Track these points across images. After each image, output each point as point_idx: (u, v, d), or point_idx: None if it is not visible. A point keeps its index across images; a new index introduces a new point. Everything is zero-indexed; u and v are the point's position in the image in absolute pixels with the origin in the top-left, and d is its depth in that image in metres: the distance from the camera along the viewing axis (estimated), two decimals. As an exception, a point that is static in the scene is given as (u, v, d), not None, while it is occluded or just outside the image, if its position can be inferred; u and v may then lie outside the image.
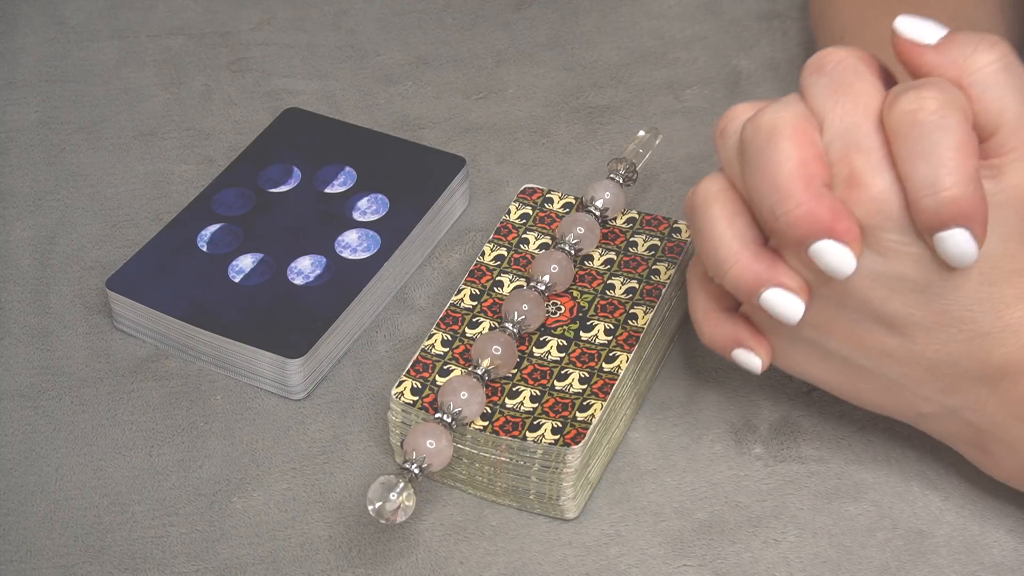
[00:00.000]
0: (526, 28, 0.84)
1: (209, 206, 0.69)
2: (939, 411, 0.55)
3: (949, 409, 0.54)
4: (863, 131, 0.50)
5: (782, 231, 0.50)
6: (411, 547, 0.57)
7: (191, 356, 0.65)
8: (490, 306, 0.63)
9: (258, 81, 0.80)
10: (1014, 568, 0.55)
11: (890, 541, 0.56)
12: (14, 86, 0.81)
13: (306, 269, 0.66)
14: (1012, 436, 0.53)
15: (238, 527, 0.58)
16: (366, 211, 0.69)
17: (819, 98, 0.51)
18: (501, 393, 0.59)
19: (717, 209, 0.52)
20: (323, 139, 0.73)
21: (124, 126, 0.78)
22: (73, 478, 0.60)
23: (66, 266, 0.70)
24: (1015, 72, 0.50)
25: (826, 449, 0.60)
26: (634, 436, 0.61)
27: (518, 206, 0.67)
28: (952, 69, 0.51)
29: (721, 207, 0.52)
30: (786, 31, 0.82)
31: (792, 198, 0.49)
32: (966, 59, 0.50)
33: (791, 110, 0.51)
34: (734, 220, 0.52)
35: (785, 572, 0.56)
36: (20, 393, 0.64)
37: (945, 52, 0.51)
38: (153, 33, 0.84)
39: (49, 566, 0.57)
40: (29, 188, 0.74)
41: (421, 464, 0.55)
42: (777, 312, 0.52)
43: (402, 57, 0.82)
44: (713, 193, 0.53)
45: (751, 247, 0.52)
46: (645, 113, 0.78)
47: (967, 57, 0.50)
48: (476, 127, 0.77)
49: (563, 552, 0.57)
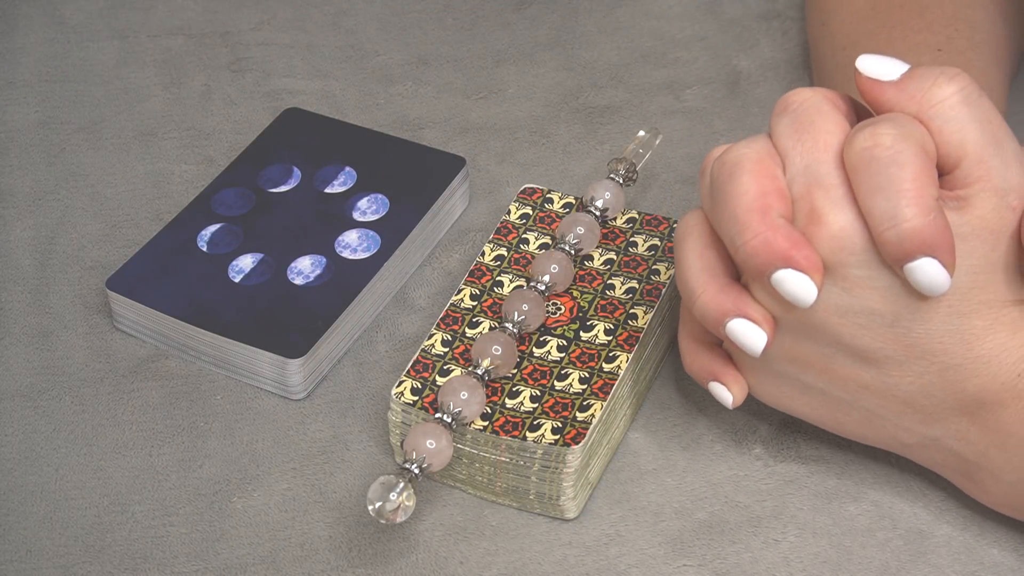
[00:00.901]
0: (526, 28, 0.84)
1: (209, 206, 0.69)
2: (922, 441, 0.55)
3: (931, 439, 0.55)
4: (824, 168, 0.51)
5: (743, 261, 0.51)
6: (411, 547, 0.57)
7: (191, 356, 0.65)
8: (490, 306, 0.63)
9: (258, 81, 0.80)
10: (1014, 568, 0.55)
11: (890, 541, 0.56)
12: (14, 86, 0.81)
13: (306, 269, 0.66)
14: (996, 464, 0.54)
15: (238, 527, 0.58)
16: (366, 211, 0.69)
17: (783, 136, 0.52)
18: (501, 393, 0.59)
19: (691, 242, 0.54)
20: (323, 139, 0.73)
21: (124, 126, 0.78)
22: (73, 478, 0.60)
23: (66, 266, 0.70)
24: (975, 104, 0.51)
25: (826, 449, 0.60)
26: (634, 436, 0.61)
27: (518, 206, 0.67)
28: (912, 104, 0.51)
29: (695, 240, 0.54)
30: (786, 31, 0.82)
31: (750, 228, 0.50)
32: (925, 93, 0.51)
33: (754, 147, 0.52)
34: (704, 253, 0.54)
35: (785, 572, 0.56)
36: (20, 393, 0.64)
37: (904, 88, 0.52)
38: (153, 33, 0.84)
39: (49, 566, 0.57)
40: (29, 188, 0.74)
41: (421, 464, 0.55)
42: (741, 342, 0.53)
43: (402, 57, 0.82)
44: (689, 227, 0.55)
45: (719, 279, 0.53)
46: (645, 113, 0.78)
47: (926, 91, 0.51)
48: (476, 127, 0.77)
49: (563, 552, 0.57)
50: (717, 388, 0.56)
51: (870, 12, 0.70)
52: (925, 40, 0.67)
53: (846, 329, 0.52)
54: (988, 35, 0.67)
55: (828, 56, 0.72)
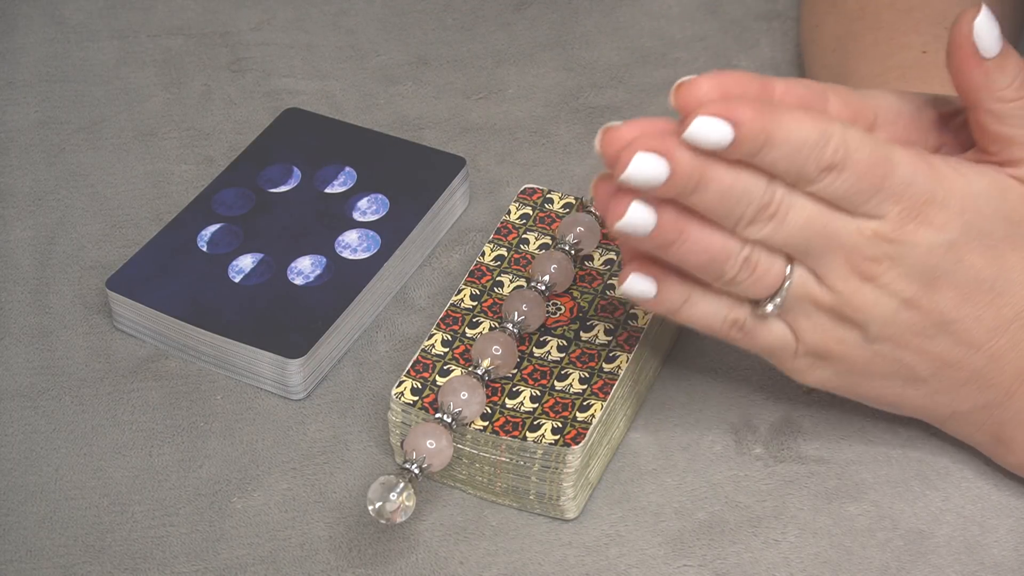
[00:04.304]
0: (526, 28, 0.84)
1: (209, 206, 0.69)
2: (972, 408, 0.56)
3: (981, 405, 0.56)
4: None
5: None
6: (411, 547, 0.57)
7: (191, 356, 0.65)
8: (490, 306, 0.63)
9: (258, 81, 0.80)
10: (1014, 568, 0.55)
11: (890, 541, 0.56)
12: (14, 86, 0.81)
13: (306, 269, 0.66)
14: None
15: (238, 527, 0.58)
16: (366, 211, 0.69)
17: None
18: (501, 393, 0.59)
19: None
20: (323, 139, 0.73)
21: (124, 126, 0.78)
22: (73, 478, 0.60)
23: (66, 266, 0.70)
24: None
25: (826, 449, 0.60)
26: (634, 436, 0.61)
27: (518, 206, 0.67)
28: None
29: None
30: (786, 31, 0.82)
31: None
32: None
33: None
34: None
35: (785, 572, 0.56)
36: (20, 393, 0.64)
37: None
38: (153, 33, 0.84)
39: (49, 566, 0.57)
40: (29, 188, 0.74)
41: (421, 464, 0.55)
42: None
43: (402, 57, 0.82)
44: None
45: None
46: (645, 113, 0.78)
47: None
48: (476, 127, 0.77)
49: (563, 552, 0.57)
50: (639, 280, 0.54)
51: (858, 14, 0.70)
52: (910, 41, 0.67)
53: (953, 302, 0.53)
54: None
55: (818, 58, 0.72)
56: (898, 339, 0.54)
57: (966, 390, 0.55)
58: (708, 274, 0.52)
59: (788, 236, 0.51)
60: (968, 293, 0.53)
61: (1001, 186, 0.53)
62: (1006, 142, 0.52)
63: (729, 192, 0.50)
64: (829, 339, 0.54)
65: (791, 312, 0.54)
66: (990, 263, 0.53)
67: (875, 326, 0.53)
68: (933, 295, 0.53)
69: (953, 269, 0.52)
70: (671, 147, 0.49)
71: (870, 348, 0.54)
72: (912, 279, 0.52)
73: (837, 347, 0.54)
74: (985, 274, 0.53)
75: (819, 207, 0.51)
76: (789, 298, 0.53)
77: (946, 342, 0.54)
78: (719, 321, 0.54)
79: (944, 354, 0.54)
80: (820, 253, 0.52)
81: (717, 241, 0.51)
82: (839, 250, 0.52)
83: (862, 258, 0.52)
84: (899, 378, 0.55)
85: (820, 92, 0.53)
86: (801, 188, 0.51)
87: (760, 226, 0.51)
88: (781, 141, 0.49)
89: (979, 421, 0.56)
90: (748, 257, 0.52)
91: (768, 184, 0.50)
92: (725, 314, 0.54)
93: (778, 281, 0.52)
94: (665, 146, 0.49)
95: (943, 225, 0.52)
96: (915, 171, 0.51)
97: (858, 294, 0.53)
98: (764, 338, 0.55)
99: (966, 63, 0.52)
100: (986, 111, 0.52)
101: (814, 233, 0.51)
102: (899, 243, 0.52)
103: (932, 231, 0.52)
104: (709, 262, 0.51)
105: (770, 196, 0.50)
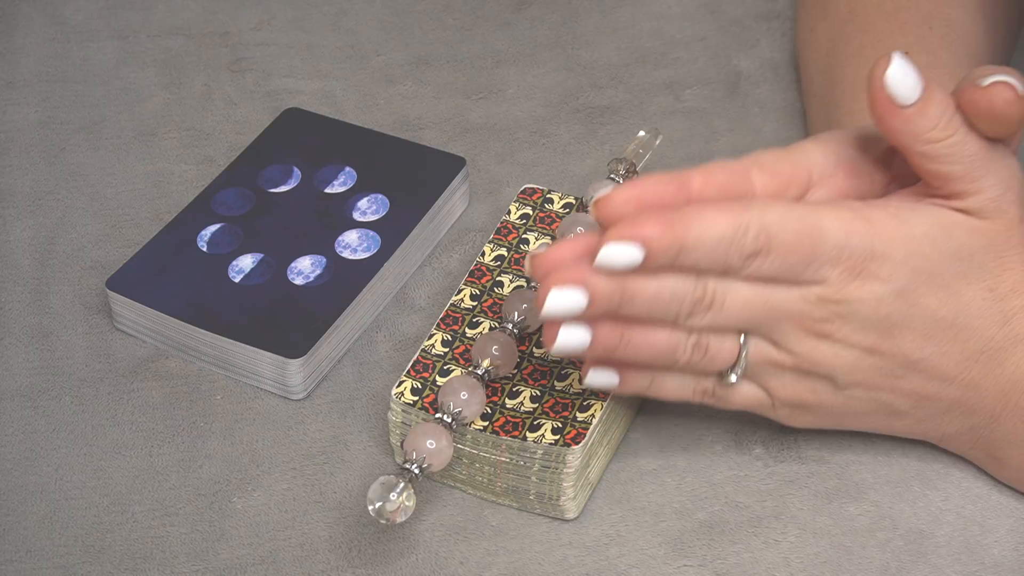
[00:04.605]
0: (526, 28, 0.84)
1: (209, 206, 0.69)
2: (960, 430, 0.56)
3: (968, 427, 0.56)
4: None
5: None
6: (411, 547, 0.57)
7: (191, 356, 0.65)
8: (490, 306, 0.63)
9: (258, 81, 0.80)
10: (1014, 568, 0.55)
11: (890, 541, 0.56)
12: (14, 86, 0.81)
13: (306, 269, 0.66)
14: (1020, 438, 0.55)
15: (238, 527, 0.58)
16: (366, 211, 0.69)
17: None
18: (501, 393, 0.59)
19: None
20: (323, 139, 0.73)
21: (124, 126, 0.78)
22: (73, 478, 0.60)
23: (66, 266, 0.70)
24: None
25: (826, 449, 0.60)
26: (634, 436, 0.61)
27: (518, 206, 0.67)
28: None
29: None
30: (786, 31, 0.82)
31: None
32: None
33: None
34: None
35: (785, 572, 0.56)
36: (20, 393, 0.64)
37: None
38: (153, 33, 0.84)
39: (49, 566, 0.57)
40: (29, 188, 0.74)
41: (421, 464, 0.55)
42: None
43: (402, 57, 0.82)
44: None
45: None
46: (645, 113, 0.78)
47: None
48: (476, 127, 0.77)
49: (563, 552, 0.57)
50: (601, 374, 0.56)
51: (848, 17, 0.70)
52: (897, 43, 0.67)
53: (915, 343, 0.53)
54: (964, 33, 0.67)
55: (812, 62, 0.72)
56: (868, 383, 0.55)
57: (949, 417, 0.56)
58: (661, 364, 0.54)
59: (730, 319, 0.52)
60: (928, 333, 0.53)
61: (944, 224, 0.53)
62: (944, 179, 0.52)
63: (657, 298, 0.51)
64: (801, 391, 0.55)
65: (756, 376, 0.55)
66: (945, 302, 0.53)
67: (842, 375, 0.54)
68: (893, 340, 0.53)
69: (908, 314, 0.53)
70: (585, 276, 0.50)
71: (843, 394, 0.55)
72: (868, 330, 0.53)
73: (811, 397, 0.55)
74: (942, 313, 0.53)
75: (755, 287, 0.52)
76: (750, 365, 0.54)
77: (917, 379, 0.54)
78: (689, 393, 0.56)
79: (918, 389, 0.55)
80: (769, 325, 0.53)
81: (661, 337, 0.52)
82: (787, 319, 0.52)
83: (812, 321, 0.53)
84: (881, 414, 0.56)
85: (742, 173, 0.53)
86: (732, 276, 0.51)
87: (700, 317, 0.52)
88: (694, 245, 0.50)
89: (970, 441, 0.57)
90: (697, 342, 0.53)
91: (697, 280, 0.51)
92: (693, 387, 0.56)
93: (733, 355, 0.54)
94: (581, 276, 0.50)
95: (888, 276, 0.52)
96: (848, 232, 0.51)
97: (816, 351, 0.53)
98: (738, 400, 0.56)
99: (885, 112, 0.52)
100: (918, 154, 0.52)
101: (756, 311, 0.52)
102: (845, 302, 0.52)
103: (878, 283, 0.52)
104: (658, 355, 0.53)
105: (702, 290, 0.51)
